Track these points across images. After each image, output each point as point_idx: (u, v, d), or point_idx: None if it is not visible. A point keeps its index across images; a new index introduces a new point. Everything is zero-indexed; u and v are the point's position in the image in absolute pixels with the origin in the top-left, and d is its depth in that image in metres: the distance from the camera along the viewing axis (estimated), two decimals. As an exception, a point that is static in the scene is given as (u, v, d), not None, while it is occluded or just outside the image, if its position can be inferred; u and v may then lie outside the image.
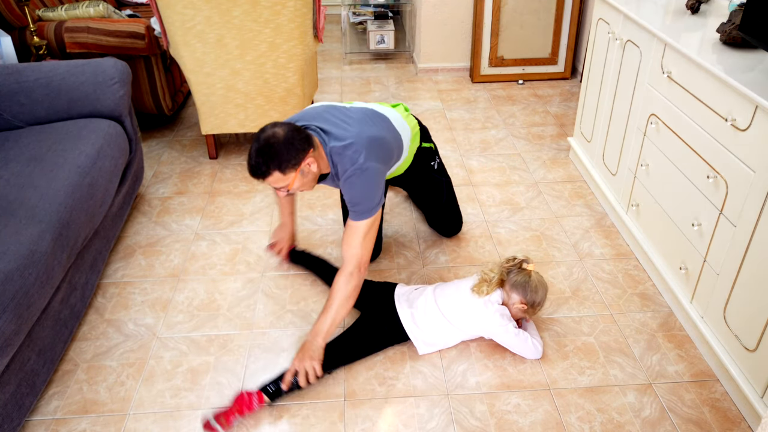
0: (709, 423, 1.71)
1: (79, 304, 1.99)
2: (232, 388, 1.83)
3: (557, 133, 3.32)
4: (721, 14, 2.23)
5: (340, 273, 1.82)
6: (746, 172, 1.66)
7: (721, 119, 1.76)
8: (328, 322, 1.80)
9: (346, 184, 1.82)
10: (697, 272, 1.93)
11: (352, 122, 1.89)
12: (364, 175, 1.80)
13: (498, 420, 1.73)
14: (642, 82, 2.25)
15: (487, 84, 3.99)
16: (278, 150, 1.70)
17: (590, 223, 2.57)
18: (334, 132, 1.85)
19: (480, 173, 2.94)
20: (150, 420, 1.74)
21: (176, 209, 2.69)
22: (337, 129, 1.86)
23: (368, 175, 1.81)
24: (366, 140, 1.83)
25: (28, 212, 1.80)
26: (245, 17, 2.61)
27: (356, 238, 1.82)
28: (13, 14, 2.93)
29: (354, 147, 1.81)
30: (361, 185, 1.81)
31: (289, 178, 1.74)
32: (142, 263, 2.36)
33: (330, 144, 1.83)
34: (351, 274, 1.80)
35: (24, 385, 1.66)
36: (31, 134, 2.23)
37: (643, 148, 2.27)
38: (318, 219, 2.62)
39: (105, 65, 2.40)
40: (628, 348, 1.96)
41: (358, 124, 1.89)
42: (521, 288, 1.88)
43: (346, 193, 1.84)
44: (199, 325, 2.07)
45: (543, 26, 3.87)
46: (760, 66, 1.77)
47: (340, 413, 1.75)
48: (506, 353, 1.93)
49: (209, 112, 2.91)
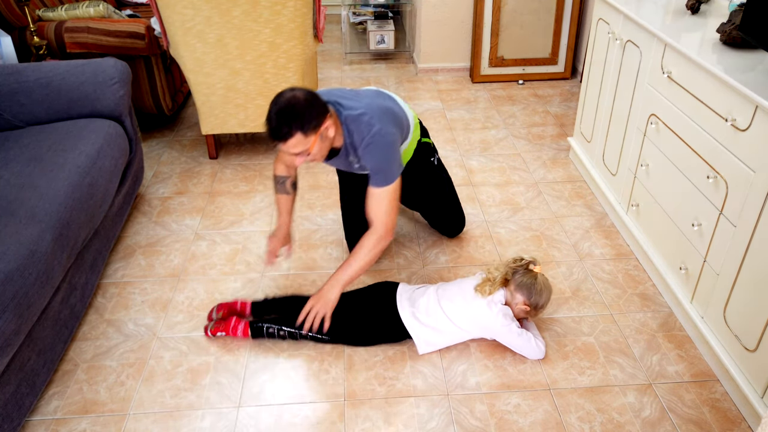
0: (709, 423, 1.71)
1: (79, 304, 1.99)
2: (232, 388, 1.83)
3: (557, 133, 3.32)
4: (721, 14, 2.23)
5: (368, 235, 1.88)
6: (746, 172, 1.66)
7: (721, 119, 1.76)
8: (348, 273, 1.88)
9: (367, 151, 1.84)
10: (697, 272, 1.93)
11: (362, 97, 1.94)
12: (384, 140, 1.84)
13: (498, 420, 1.73)
14: (642, 82, 2.25)
15: (487, 84, 3.99)
16: (300, 111, 1.69)
17: (590, 223, 2.57)
18: (347, 103, 1.88)
19: (480, 173, 2.94)
20: (150, 420, 1.74)
21: (176, 209, 2.69)
22: (349, 101, 1.90)
23: (387, 141, 1.85)
24: (378, 109, 1.88)
25: (28, 212, 1.80)
26: (245, 17, 2.62)
27: (382, 204, 1.87)
28: (13, 14, 2.93)
29: (368, 115, 1.84)
30: (382, 150, 1.85)
31: (309, 141, 1.73)
32: (142, 263, 2.36)
33: (345, 113, 1.86)
34: (380, 237, 1.88)
35: (24, 385, 1.66)
36: (31, 134, 2.23)
37: (643, 148, 2.27)
38: (318, 219, 2.62)
39: (105, 65, 2.40)
40: (628, 348, 1.96)
41: (368, 98, 1.94)
42: (526, 289, 1.88)
43: (368, 161, 1.86)
44: (199, 325, 2.07)
45: (543, 26, 3.87)
46: (760, 66, 1.77)
47: (340, 413, 1.75)
48: (506, 353, 1.93)
49: (209, 112, 2.91)
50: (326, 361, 1.92)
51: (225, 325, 1.98)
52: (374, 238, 1.88)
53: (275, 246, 2.14)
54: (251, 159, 3.10)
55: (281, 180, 2.12)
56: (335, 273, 1.91)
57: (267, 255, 2.15)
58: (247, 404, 1.79)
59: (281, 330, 1.95)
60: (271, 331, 1.96)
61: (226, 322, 1.98)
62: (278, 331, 1.95)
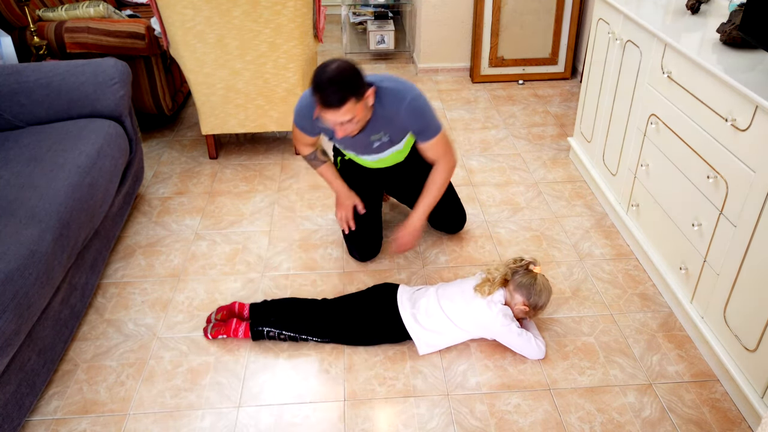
0: (709, 423, 1.71)
1: (79, 304, 1.99)
2: (232, 388, 1.83)
3: (557, 133, 3.32)
4: (721, 14, 2.23)
5: (439, 170, 2.12)
6: (746, 172, 1.66)
7: (721, 119, 1.76)
8: (429, 203, 2.17)
9: (410, 113, 1.98)
10: (697, 272, 1.93)
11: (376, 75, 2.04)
12: (420, 100, 2.00)
13: (498, 420, 1.73)
14: (642, 82, 2.25)
15: (487, 84, 3.99)
16: (351, 78, 1.79)
17: (590, 223, 2.57)
18: (371, 79, 1.95)
19: (480, 173, 2.94)
20: (150, 420, 1.74)
21: (176, 209, 2.69)
22: (371, 77, 1.97)
23: (423, 100, 2.02)
24: (402, 81, 2.02)
25: (28, 212, 1.80)
26: (245, 17, 2.62)
27: (440, 148, 2.08)
28: (13, 14, 2.93)
29: (397, 86, 1.98)
30: (423, 109, 2.01)
31: (357, 108, 1.84)
32: (142, 263, 2.36)
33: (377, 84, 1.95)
34: (451, 168, 2.14)
35: (24, 385, 1.66)
36: (31, 134, 2.23)
37: (643, 148, 2.27)
38: (318, 219, 2.62)
39: (105, 65, 2.40)
40: (628, 348, 1.96)
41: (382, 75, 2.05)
42: (526, 289, 1.88)
43: (414, 122, 2.02)
44: (199, 325, 2.07)
45: (543, 26, 3.87)
46: (760, 66, 1.77)
47: (340, 413, 1.75)
48: (506, 353, 1.93)
49: (209, 112, 2.91)
50: (326, 361, 1.92)
51: (226, 327, 1.98)
52: (446, 170, 2.12)
53: (348, 210, 2.28)
54: (251, 159, 3.10)
55: (311, 156, 2.26)
56: (417, 206, 2.18)
57: (344, 224, 2.29)
58: (247, 404, 1.79)
59: (281, 334, 1.95)
60: (272, 335, 1.96)
61: (227, 325, 1.98)
62: (278, 335, 1.95)
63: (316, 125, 2.09)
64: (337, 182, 2.31)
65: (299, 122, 2.13)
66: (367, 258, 2.35)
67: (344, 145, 2.20)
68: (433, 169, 2.14)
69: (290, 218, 2.62)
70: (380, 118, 2.00)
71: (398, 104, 1.96)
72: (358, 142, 2.11)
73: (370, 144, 2.12)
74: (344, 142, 2.15)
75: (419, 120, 2.01)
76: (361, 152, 2.21)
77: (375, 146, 2.13)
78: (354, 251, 2.34)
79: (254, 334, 1.96)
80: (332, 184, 2.33)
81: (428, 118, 2.03)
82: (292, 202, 2.73)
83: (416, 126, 2.03)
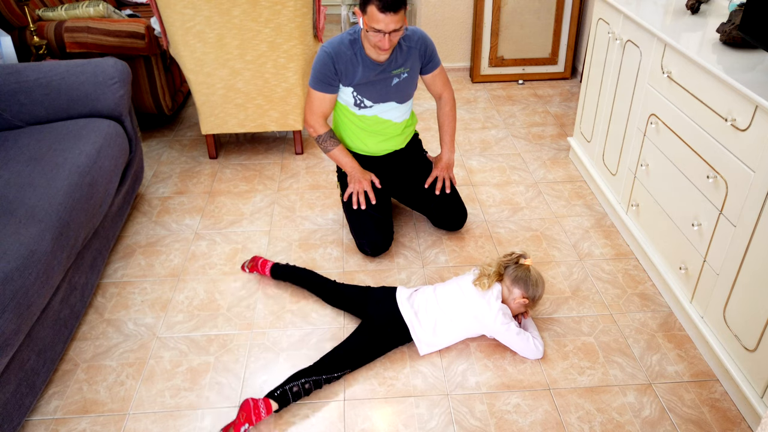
0: (709, 423, 1.71)
1: (79, 303, 1.99)
2: (232, 388, 1.83)
3: (557, 133, 3.32)
4: (721, 14, 2.23)
5: (448, 101, 2.42)
6: (746, 172, 1.66)
7: (721, 119, 1.76)
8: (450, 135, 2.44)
9: (424, 41, 2.26)
10: (697, 272, 1.93)
11: None
12: (425, 34, 2.29)
13: (498, 420, 1.73)
14: (642, 82, 2.25)
15: (487, 84, 3.99)
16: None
17: (590, 223, 2.57)
18: None
19: (480, 173, 2.94)
20: (150, 420, 1.74)
21: (176, 209, 2.69)
22: None
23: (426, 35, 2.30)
24: None
25: (28, 212, 1.80)
26: (245, 17, 2.62)
27: (445, 76, 2.40)
28: (13, 14, 2.93)
29: None
30: (430, 40, 2.30)
31: (405, 19, 2.04)
32: (142, 263, 2.36)
33: None
34: (453, 98, 2.44)
35: (24, 385, 1.66)
36: (31, 134, 2.23)
37: (643, 148, 2.27)
38: (318, 219, 2.62)
39: (105, 65, 2.40)
40: (628, 348, 1.96)
41: None
42: (522, 282, 1.89)
43: (427, 49, 2.28)
44: (199, 324, 2.07)
45: (543, 26, 3.87)
46: (760, 66, 1.77)
47: (340, 413, 1.75)
48: (506, 353, 1.93)
49: (209, 112, 2.91)
50: (326, 360, 1.92)
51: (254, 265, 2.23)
52: (451, 98, 2.43)
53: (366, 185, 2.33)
54: (251, 159, 3.10)
55: (322, 139, 2.34)
56: (443, 140, 2.44)
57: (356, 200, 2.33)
58: (246, 404, 1.78)
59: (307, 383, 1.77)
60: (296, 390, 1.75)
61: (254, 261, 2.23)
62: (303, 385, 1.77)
63: (338, 69, 2.18)
64: (350, 161, 2.36)
65: (319, 78, 2.20)
66: (378, 252, 2.33)
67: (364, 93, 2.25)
68: (440, 104, 2.43)
69: (290, 218, 2.62)
70: (404, 48, 2.22)
71: (415, 34, 2.25)
72: (380, 82, 2.23)
73: (391, 80, 2.24)
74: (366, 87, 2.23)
75: (430, 47, 2.29)
76: (377, 99, 2.27)
77: (394, 83, 2.26)
78: (366, 246, 2.32)
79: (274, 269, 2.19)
80: (346, 165, 2.37)
81: (435, 49, 2.33)
82: (291, 202, 2.73)
83: (428, 53, 2.29)
